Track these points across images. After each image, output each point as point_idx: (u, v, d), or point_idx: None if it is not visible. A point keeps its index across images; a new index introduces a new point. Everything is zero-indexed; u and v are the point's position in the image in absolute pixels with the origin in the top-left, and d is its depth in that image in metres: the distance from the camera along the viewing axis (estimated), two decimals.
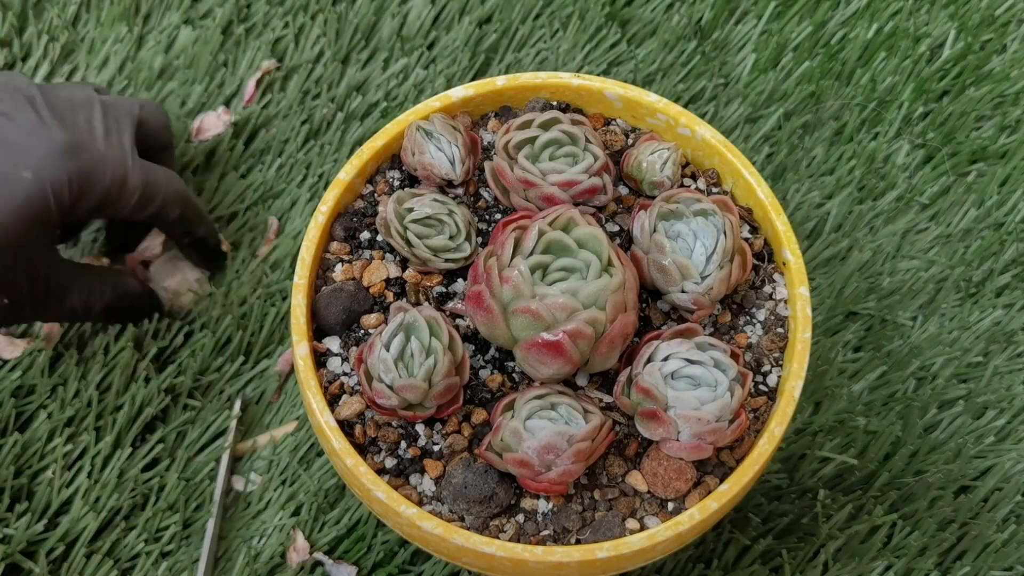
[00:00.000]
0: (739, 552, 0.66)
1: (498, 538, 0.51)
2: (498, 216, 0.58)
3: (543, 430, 0.50)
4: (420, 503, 0.52)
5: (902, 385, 0.72)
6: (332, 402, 0.54)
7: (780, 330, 0.56)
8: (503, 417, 0.52)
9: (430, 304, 0.55)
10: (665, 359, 0.52)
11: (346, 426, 0.53)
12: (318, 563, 0.66)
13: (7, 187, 0.59)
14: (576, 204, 0.56)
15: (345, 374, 0.55)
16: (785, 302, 0.57)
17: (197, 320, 0.72)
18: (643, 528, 0.52)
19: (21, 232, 0.59)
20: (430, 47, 0.82)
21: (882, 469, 0.69)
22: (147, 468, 0.68)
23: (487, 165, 0.58)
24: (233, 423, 0.69)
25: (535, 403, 0.51)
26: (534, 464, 0.50)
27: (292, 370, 0.71)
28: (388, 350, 0.51)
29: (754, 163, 0.77)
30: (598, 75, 0.76)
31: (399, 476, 0.53)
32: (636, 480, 0.52)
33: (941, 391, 0.72)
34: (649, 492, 0.52)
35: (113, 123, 0.64)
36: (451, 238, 0.56)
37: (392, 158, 0.60)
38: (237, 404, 0.69)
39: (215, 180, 0.77)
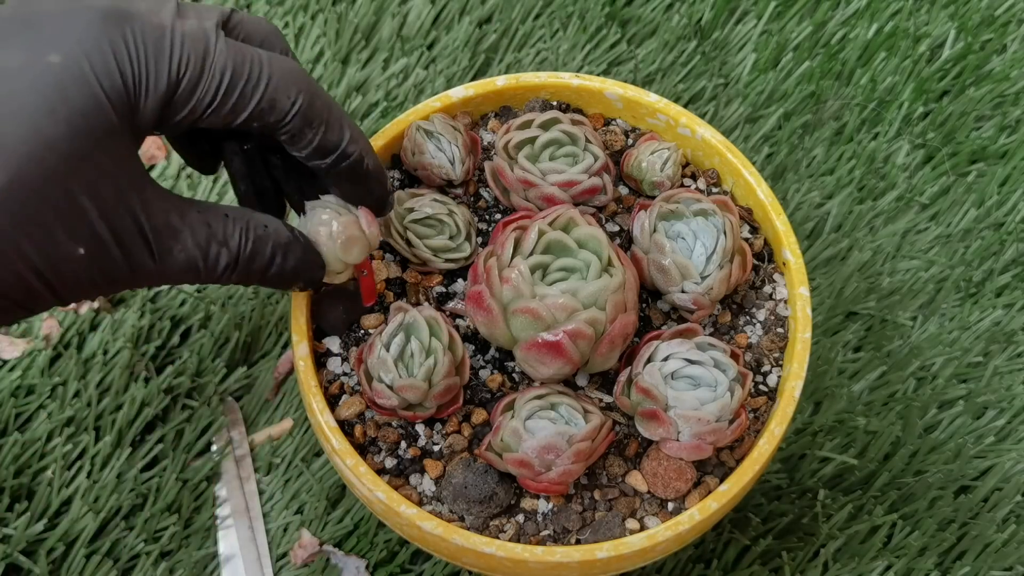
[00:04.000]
0: (739, 552, 0.66)
1: (498, 538, 0.51)
2: (498, 216, 0.58)
3: (543, 430, 0.50)
4: (420, 503, 0.52)
5: (902, 385, 0.72)
6: (332, 402, 0.54)
7: (780, 330, 0.56)
8: (503, 417, 0.52)
9: (430, 304, 0.55)
10: (665, 359, 0.52)
11: (346, 426, 0.53)
12: (327, 557, 0.66)
13: (27, 80, 0.40)
14: (576, 204, 0.56)
15: (345, 374, 0.55)
16: (785, 302, 0.57)
17: (195, 321, 0.72)
18: (643, 528, 0.52)
19: (64, 143, 0.40)
20: (430, 47, 0.82)
21: (882, 469, 0.69)
22: (146, 468, 0.68)
23: (487, 165, 0.58)
24: (237, 427, 0.69)
25: (535, 403, 0.51)
26: (534, 464, 0.50)
27: (292, 370, 0.71)
28: (388, 350, 0.51)
29: (754, 163, 0.77)
30: (598, 75, 0.76)
31: (399, 476, 0.53)
32: (636, 480, 0.52)
33: (941, 391, 0.72)
34: (649, 492, 0.52)
35: (191, 12, 0.45)
36: (451, 238, 0.56)
37: (392, 158, 0.60)
38: (235, 404, 0.69)
39: None
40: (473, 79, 0.81)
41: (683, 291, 0.54)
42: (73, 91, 0.40)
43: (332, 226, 0.49)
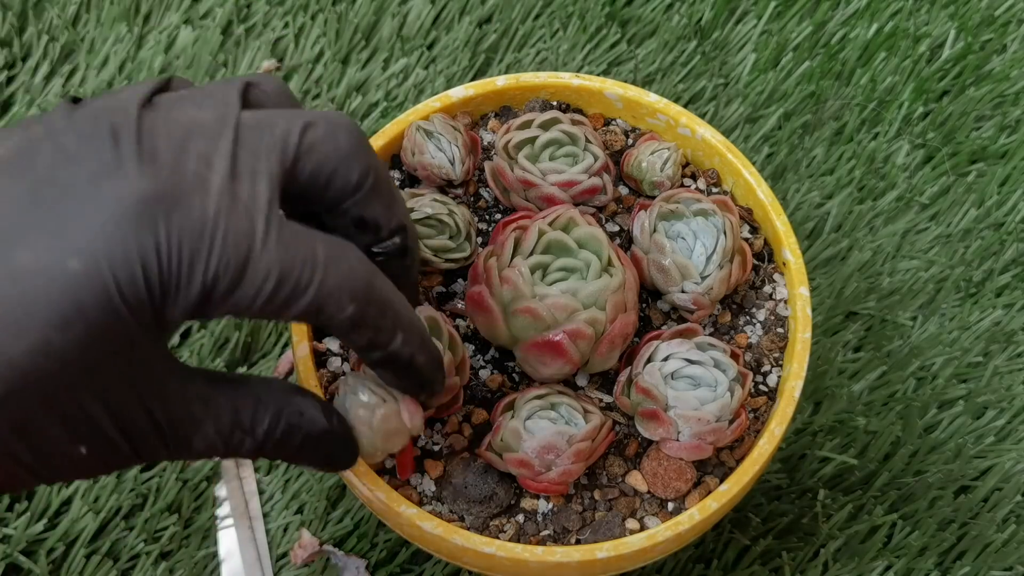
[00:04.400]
0: (739, 552, 0.66)
1: (498, 538, 0.51)
2: (498, 216, 0.58)
3: (543, 430, 0.50)
4: (420, 503, 0.52)
5: (902, 385, 0.72)
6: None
7: (780, 330, 0.56)
8: (503, 417, 0.52)
9: (430, 304, 0.55)
10: (665, 359, 0.52)
11: None
12: (327, 557, 0.66)
13: (41, 286, 0.35)
14: (576, 204, 0.56)
15: (345, 374, 0.55)
16: (785, 302, 0.57)
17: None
18: (643, 528, 0.52)
19: (74, 355, 0.36)
20: (430, 47, 0.82)
21: (882, 469, 0.69)
22: (146, 468, 0.68)
23: (487, 165, 0.58)
24: None
25: (535, 403, 0.51)
26: (534, 464, 0.50)
27: (292, 370, 0.71)
28: None
29: (754, 163, 0.77)
30: (598, 75, 0.76)
31: None
32: (636, 480, 0.52)
33: (941, 391, 0.72)
34: (649, 492, 0.52)
35: (246, 161, 0.38)
36: (451, 238, 0.56)
37: (392, 158, 0.60)
38: None
39: None
40: (473, 79, 0.81)
41: (683, 291, 0.54)
42: (91, 303, 0.35)
43: (373, 419, 0.46)
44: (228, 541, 0.66)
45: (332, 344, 0.55)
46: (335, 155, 0.41)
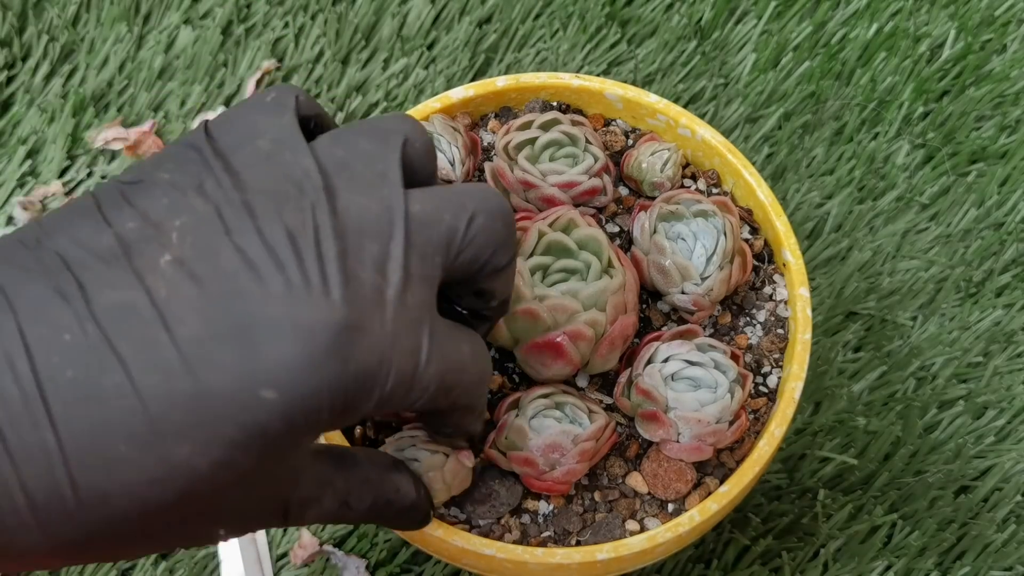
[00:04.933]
0: (739, 552, 0.66)
1: (502, 539, 0.51)
2: None
3: (549, 429, 0.50)
4: None
5: (902, 385, 0.72)
6: None
7: (780, 331, 0.56)
8: (508, 415, 0.52)
9: None
10: (665, 360, 0.52)
11: (346, 427, 0.53)
12: (327, 557, 0.66)
13: (232, 410, 0.35)
14: (576, 205, 0.56)
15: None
16: (785, 303, 0.57)
17: None
18: (643, 529, 0.52)
19: (248, 470, 0.37)
20: (430, 47, 0.82)
21: (882, 469, 0.69)
22: None
23: (487, 166, 0.58)
24: None
25: (541, 402, 0.51)
26: (539, 463, 0.50)
27: None
28: None
29: (754, 163, 0.77)
30: (598, 75, 0.76)
31: None
32: (636, 481, 0.53)
33: (941, 391, 0.72)
34: (649, 493, 0.53)
35: (417, 265, 0.39)
36: None
37: None
38: None
39: None
40: (473, 79, 0.81)
41: (683, 292, 0.54)
42: (275, 430, 0.36)
43: (445, 475, 0.49)
44: (228, 541, 0.66)
45: None
46: (491, 246, 0.41)
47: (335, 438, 0.52)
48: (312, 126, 0.41)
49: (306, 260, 0.36)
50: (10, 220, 0.75)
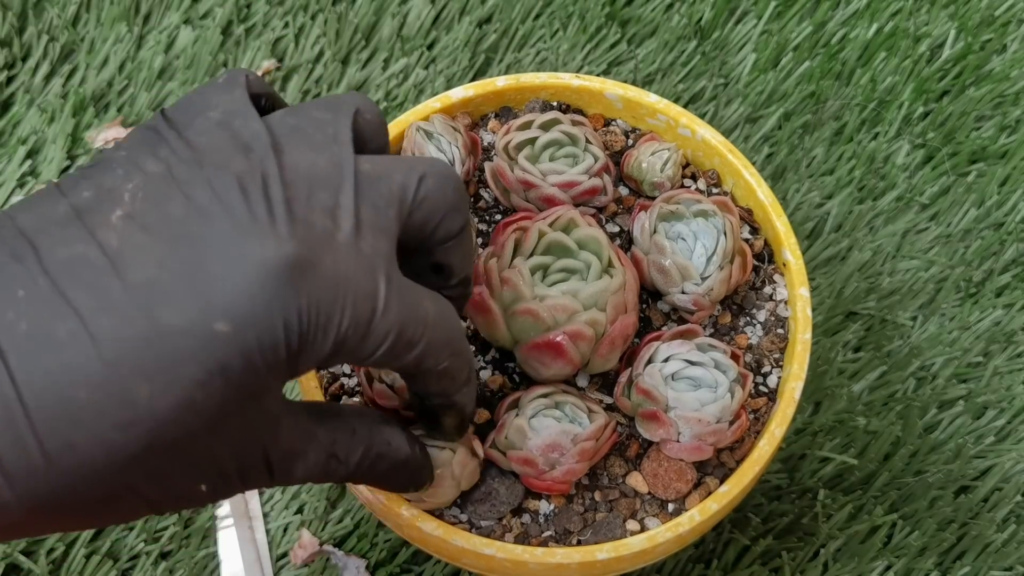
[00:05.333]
0: (739, 552, 0.66)
1: (503, 539, 0.51)
2: (498, 217, 0.58)
3: (548, 428, 0.50)
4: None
5: (902, 385, 0.72)
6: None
7: (780, 331, 0.56)
8: (508, 415, 0.52)
9: None
10: (665, 360, 0.52)
11: None
12: (327, 557, 0.66)
13: (189, 347, 0.36)
14: (576, 205, 0.56)
15: (345, 375, 0.55)
16: (785, 303, 0.57)
17: None
18: (643, 529, 0.52)
19: (214, 410, 0.37)
20: (430, 47, 0.82)
21: (882, 469, 0.69)
22: None
23: (487, 166, 0.58)
24: None
25: (541, 401, 0.51)
26: (538, 462, 0.50)
27: None
28: None
29: (754, 163, 0.77)
30: (598, 75, 0.76)
31: None
32: (637, 481, 0.53)
33: (941, 391, 0.72)
34: (650, 493, 0.53)
35: (369, 214, 0.40)
36: None
37: None
38: None
39: None
40: (473, 79, 0.81)
41: (683, 292, 0.54)
42: (235, 365, 0.36)
43: (454, 470, 0.50)
44: (228, 541, 0.66)
45: None
46: (443, 207, 0.42)
47: None
48: (264, 103, 0.42)
49: (254, 202, 0.37)
50: None
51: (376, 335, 0.39)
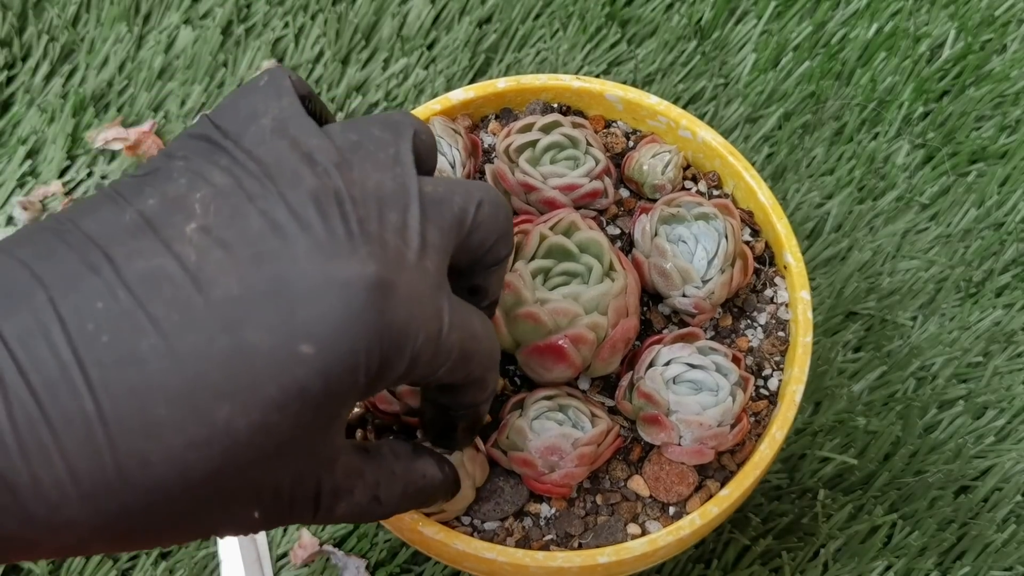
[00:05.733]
0: (739, 552, 0.66)
1: (504, 542, 0.51)
2: None
3: (548, 431, 0.50)
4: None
5: (902, 385, 0.72)
6: None
7: (781, 334, 0.56)
8: (511, 415, 0.52)
9: None
10: (667, 363, 0.52)
11: (347, 430, 0.53)
12: (327, 557, 0.66)
13: (271, 369, 0.35)
14: (577, 208, 0.56)
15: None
16: (786, 306, 0.57)
17: None
18: (644, 533, 0.52)
19: (286, 434, 0.36)
20: (430, 47, 0.82)
21: (882, 469, 0.69)
22: None
23: (488, 168, 0.58)
24: None
25: (544, 403, 0.51)
26: (537, 464, 0.50)
27: None
28: None
29: (754, 163, 0.77)
30: (598, 75, 0.76)
31: None
32: (638, 485, 0.53)
33: (941, 391, 0.72)
34: (651, 496, 0.53)
35: (434, 235, 0.40)
36: None
37: None
38: None
39: None
40: (473, 79, 0.81)
41: (684, 295, 0.54)
42: (315, 387, 0.36)
43: (466, 467, 0.51)
44: (228, 541, 0.66)
45: None
46: (496, 233, 0.43)
47: None
48: (308, 105, 0.41)
49: (332, 220, 0.36)
50: (10, 220, 0.75)
51: (443, 353, 0.39)
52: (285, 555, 0.66)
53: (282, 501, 0.39)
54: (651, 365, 0.52)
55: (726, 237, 0.54)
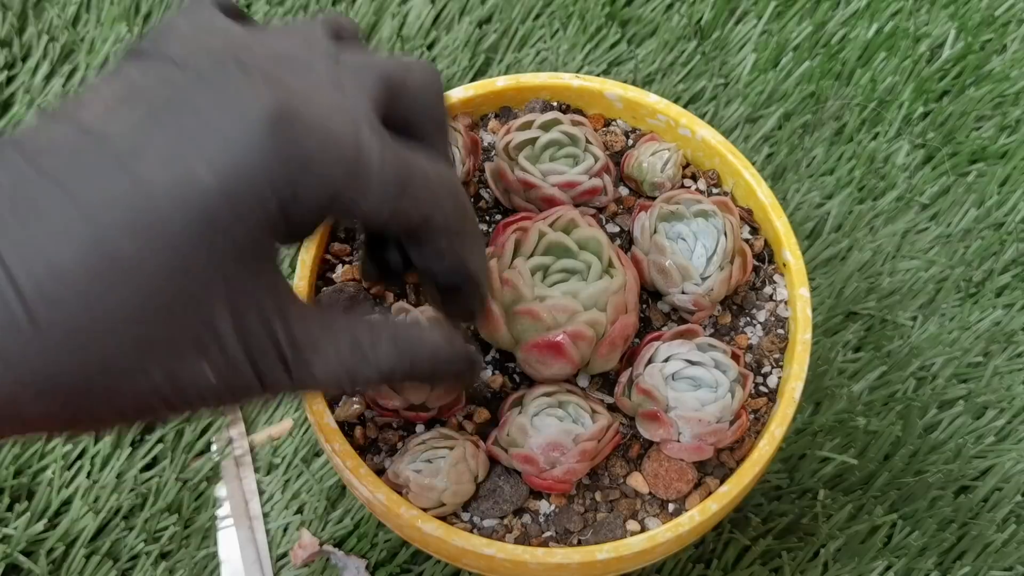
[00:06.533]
0: (739, 552, 0.66)
1: (503, 539, 0.51)
2: (498, 217, 0.58)
3: (549, 428, 0.50)
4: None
5: (902, 385, 0.72)
6: (332, 404, 0.54)
7: (780, 331, 0.56)
8: (511, 412, 0.52)
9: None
10: (666, 360, 0.52)
11: (346, 428, 0.53)
12: (327, 557, 0.66)
13: (173, 202, 0.35)
14: (577, 205, 0.56)
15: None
16: (785, 303, 0.57)
17: None
18: (644, 529, 0.52)
19: (207, 269, 0.36)
20: (430, 47, 0.82)
21: (882, 469, 0.69)
22: (146, 468, 0.68)
23: (488, 166, 0.58)
24: (237, 427, 0.69)
25: (544, 400, 0.51)
26: (539, 461, 0.50)
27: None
28: None
29: (754, 163, 0.77)
30: (598, 75, 0.76)
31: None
32: (637, 481, 0.53)
33: (941, 391, 0.72)
34: (650, 493, 0.53)
35: (349, 78, 0.39)
36: None
37: None
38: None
39: None
40: (473, 79, 0.81)
41: (683, 292, 0.54)
42: (224, 217, 0.35)
43: (469, 462, 0.51)
44: (228, 541, 0.66)
45: None
46: (430, 97, 0.42)
47: (335, 437, 0.52)
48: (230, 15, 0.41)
49: (231, 71, 0.36)
50: None
51: (374, 181, 0.38)
52: (285, 555, 0.66)
53: (234, 355, 0.37)
54: (650, 361, 0.52)
55: (725, 234, 0.54)
